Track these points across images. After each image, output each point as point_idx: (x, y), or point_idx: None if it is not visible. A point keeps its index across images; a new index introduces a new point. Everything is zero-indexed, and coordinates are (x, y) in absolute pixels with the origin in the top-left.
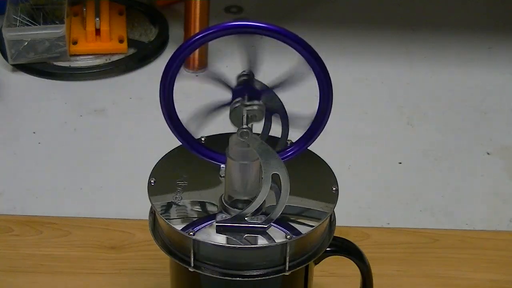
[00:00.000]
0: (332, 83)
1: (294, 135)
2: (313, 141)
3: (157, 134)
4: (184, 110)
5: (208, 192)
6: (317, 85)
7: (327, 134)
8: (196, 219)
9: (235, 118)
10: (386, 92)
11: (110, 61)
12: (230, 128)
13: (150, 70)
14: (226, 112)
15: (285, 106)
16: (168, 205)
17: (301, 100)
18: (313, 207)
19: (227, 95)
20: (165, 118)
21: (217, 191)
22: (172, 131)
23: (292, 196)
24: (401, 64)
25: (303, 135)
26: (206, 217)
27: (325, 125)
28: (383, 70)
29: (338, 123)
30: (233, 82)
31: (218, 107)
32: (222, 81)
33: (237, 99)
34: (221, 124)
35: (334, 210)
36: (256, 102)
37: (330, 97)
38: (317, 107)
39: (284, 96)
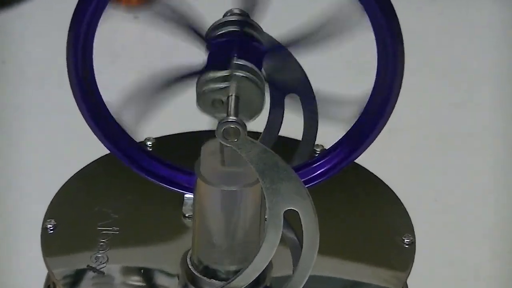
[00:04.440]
0: (403, 33)
1: (330, 134)
2: (366, 147)
3: (58, 134)
4: (114, 84)
5: (160, 248)
6: (375, 41)
7: (394, 134)
8: None
9: (208, 100)
10: (508, 53)
11: None
12: (203, 121)
13: (35, 5)
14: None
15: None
16: (80, 275)
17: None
18: (367, 279)
19: (199, 56)
20: (77, 102)
21: (177, 245)
22: (91, 126)
23: (326, 256)
24: None
25: (346, 135)
26: None
27: (388, 115)
28: (498, 11)
29: (413, 112)
30: (212, 30)
31: (182, 78)
32: (190, 27)
33: (212, 64)
34: (186, 114)
35: (408, 282)
36: (244, 62)
37: (398, 61)
38: (374, 82)
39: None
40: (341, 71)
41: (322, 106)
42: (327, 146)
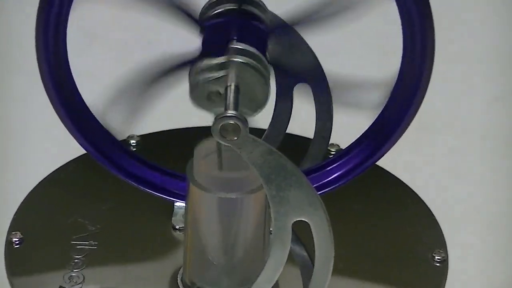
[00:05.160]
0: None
1: (347, 131)
2: (391, 145)
3: (24, 131)
4: (91, 70)
5: (145, 267)
6: (398, 15)
7: (424, 133)
8: None
9: (203, 92)
10: None
11: None
12: (195, 116)
13: None
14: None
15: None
16: None
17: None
18: None
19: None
20: (48, 93)
21: (166, 263)
22: (64, 121)
23: (342, 276)
24: None
25: (367, 131)
26: None
27: (417, 106)
28: None
29: (448, 106)
30: (206, 10)
31: (175, 69)
32: (179, 7)
33: (207, 51)
34: (176, 108)
35: None
36: (244, 46)
37: (427, 38)
38: (400, 65)
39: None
40: (360, 53)
41: (338, 95)
42: (344, 146)
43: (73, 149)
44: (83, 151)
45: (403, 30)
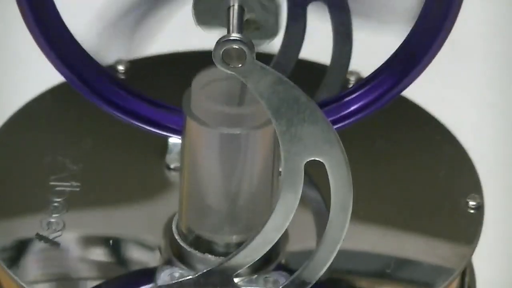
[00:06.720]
0: None
1: (368, 58)
2: (422, 69)
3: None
4: None
5: (135, 211)
6: None
7: (462, 54)
8: (103, 282)
9: (204, 9)
10: None
11: None
12: (194, 37)
13: None
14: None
15: None
16: (26, 247)
17: None
18: (418, 255)
19: None
20: (19, 4)
21: (159, 207)
22: (38, 42)
23: (362, 224)
24: None
25: (392, 56)
26: (131, 275)
27: (451, 24)
28: None
29: (491, 24)
30: None
31: None
32: None
33: None
34: (172, 27)
35: (474, 261)
36: None
37: None
38: None
39: None
40: None
41: (359, 13)
42: (365, 73)
43: (51, 76)
44: (62, 79)
45: None
